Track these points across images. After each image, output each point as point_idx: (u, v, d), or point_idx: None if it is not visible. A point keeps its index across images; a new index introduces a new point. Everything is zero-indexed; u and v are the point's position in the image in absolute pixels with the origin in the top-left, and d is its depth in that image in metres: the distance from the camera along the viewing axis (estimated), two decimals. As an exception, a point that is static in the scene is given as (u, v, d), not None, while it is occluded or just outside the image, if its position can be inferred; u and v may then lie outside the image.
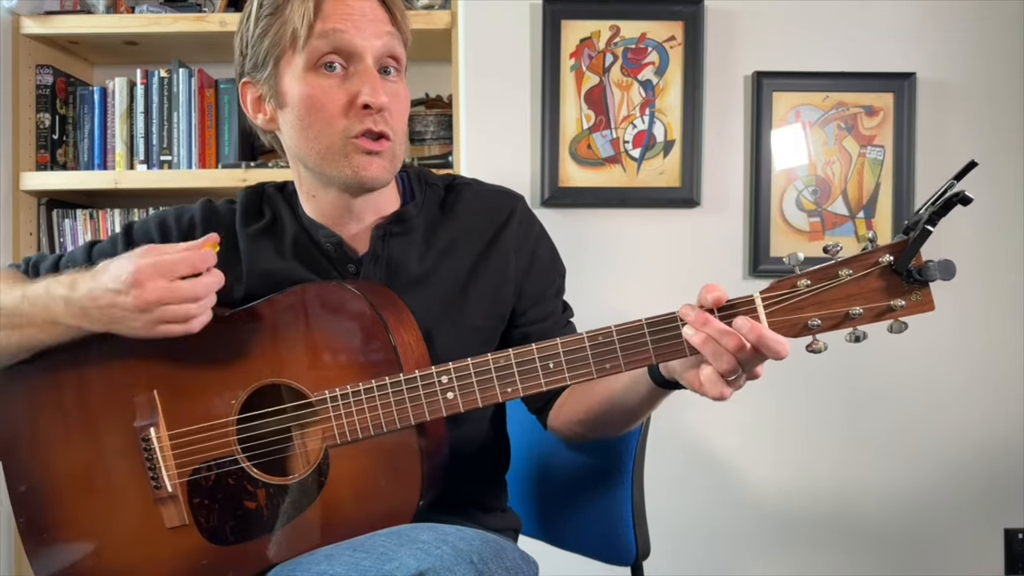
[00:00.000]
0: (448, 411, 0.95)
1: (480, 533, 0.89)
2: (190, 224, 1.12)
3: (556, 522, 1.31)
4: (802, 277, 0.84)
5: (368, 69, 0.99)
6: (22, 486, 1.07)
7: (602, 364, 0.89)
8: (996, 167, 1.95)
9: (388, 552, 0.84)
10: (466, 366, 0.94)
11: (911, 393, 1.95)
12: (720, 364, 0.83)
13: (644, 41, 1.93)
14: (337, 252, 1.08)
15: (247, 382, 1.01)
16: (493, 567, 0.85)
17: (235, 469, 1.01)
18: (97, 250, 1.12)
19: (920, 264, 0.83)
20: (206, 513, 1.02)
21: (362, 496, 0.98)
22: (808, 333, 0.85)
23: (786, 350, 0.82)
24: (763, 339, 0.82)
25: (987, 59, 1.95)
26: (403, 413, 0.95)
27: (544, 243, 1.16)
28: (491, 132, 1.94)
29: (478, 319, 1.10)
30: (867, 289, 0.84)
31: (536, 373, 0.91)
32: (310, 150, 1.02)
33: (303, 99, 1.00)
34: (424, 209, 1.11)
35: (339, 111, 0.99)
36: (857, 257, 0.84)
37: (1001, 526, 1.97)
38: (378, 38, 1.00)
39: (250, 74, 1.04)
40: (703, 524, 1.97)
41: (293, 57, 1.00)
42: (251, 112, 1.07)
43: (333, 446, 0.97)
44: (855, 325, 0.84)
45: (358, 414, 0.96)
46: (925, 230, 0.81)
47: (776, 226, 1.93)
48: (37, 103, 2.04)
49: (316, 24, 0.97)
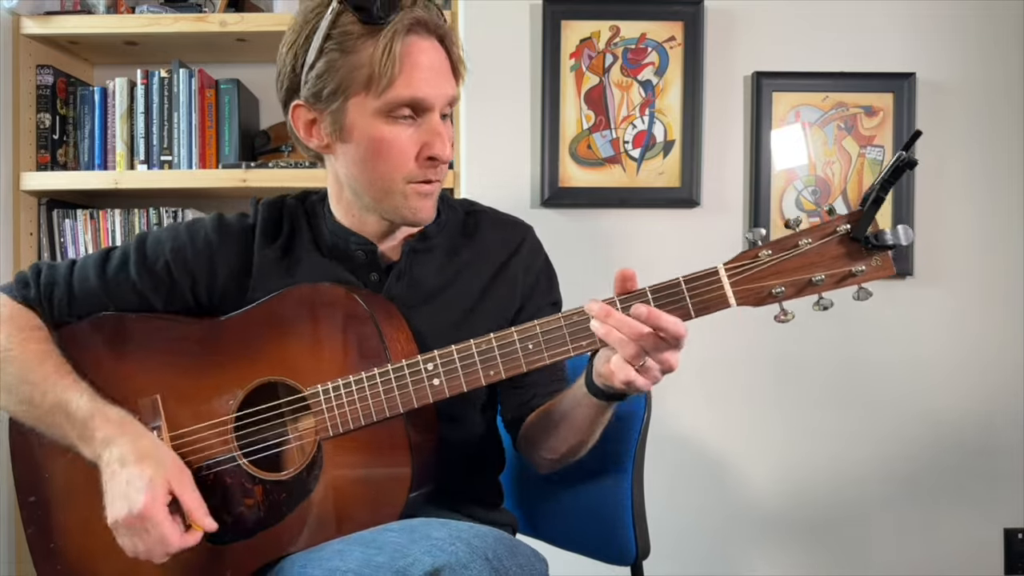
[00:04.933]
0: (435, 397, 0.98)
1: (493, 530, 0.90)
2: (206, 245, 1.13)
3: (556, 522, 1.31)
4: (763, 248, 0.91)
5: (436, 122, 1.04)
6: (31, 497, 1.10)
7: (578, 342, 0.95)
8: (996, 167, 1.95)
9: (401, 549, 0.85)
10: (450, 352, 0.98)
11: (909, 391, 1.95)
12: (625, 351, 0.89)
13: (644, 41, 1.94)
14: (369, 259, 1.12)
15: (244, 382, 1.04)
16: (508, 564, 0.85)
17: (233, 467, 1.04)
18: (112, 279, 1.12)
19: (877, 230, 0.88)
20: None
21: (354, 488, 1.00)
22: (773, 300, 0.90)
23: (682, 330, 0.88)
24: (658, 320, 0.87)
25: (987, 59, 1.95)
26: (392, 402, 0.98)
27: (547, 271, 1.22)
28: (491, 132, 1.94)
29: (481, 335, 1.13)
30: (826, 256, 0.89)
31: (516, 354, 0.96)
32: (370, 186, 1.07)
33: (373, 140, 1.03)
34: (446, 229, 1.17)
35: (407, 160, 1.04)
36: (815, 227, 0.90)
37: (1001, 526, 1.97)
38: (445, 89, 1.04)
39: (307, 100, 1.05)
40: (703, 524, 1.97)
41: (366, 99, 1.02)
42: (302, 133, 1.08)
43: (326, 438, 1.00)
44: (818, 291, 0.90)
45: (349, 406, 0.99)
46: (879, 198, 0.86)
47: (776, 226, 1.93)
48: (37, 103, 2.04)
49: (397, 76, 1.00)
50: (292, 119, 1.08)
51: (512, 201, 1.91)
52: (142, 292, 1.11)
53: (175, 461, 1.01)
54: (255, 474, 1.03)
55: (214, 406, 1.05)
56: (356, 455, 1.01)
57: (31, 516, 1.10)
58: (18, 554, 2.00)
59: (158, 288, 1.11)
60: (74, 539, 1.08)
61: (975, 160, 1.95)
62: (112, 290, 1.12)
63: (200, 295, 1.12)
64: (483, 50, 1.93)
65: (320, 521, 1.00)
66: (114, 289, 1.12)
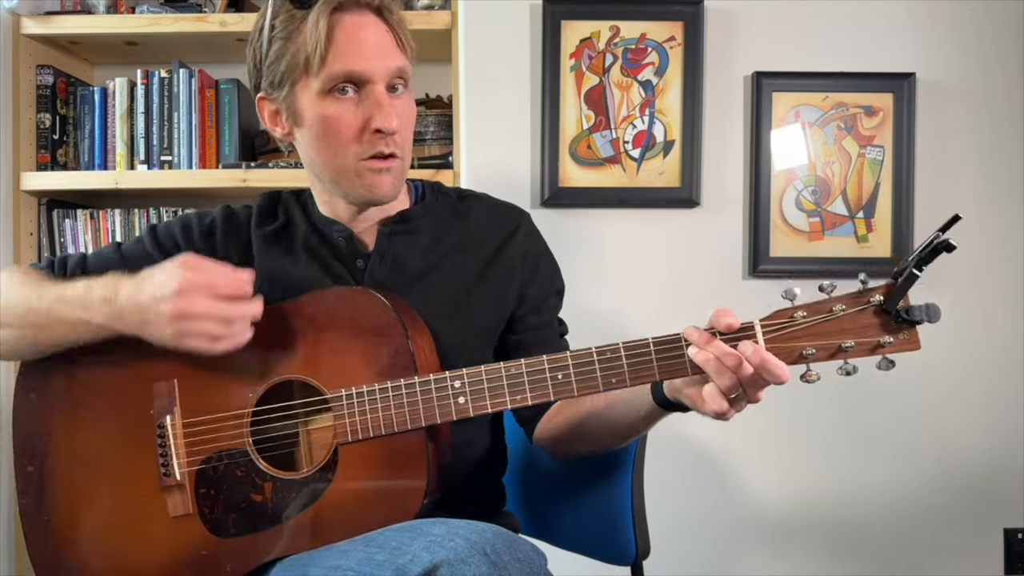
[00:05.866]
0: (458, 415, 0.98)
1: (492, 526, 0.90)
2: (211, 226, 1.17)
3: (556, 521, 1.31)
4: (799, 309, 0.92)
5: (379, 93, 1.05)
6: (30, 467, 1.08)
7: (608, 379, 0.95)
8: (996, 167, 1.95)
9: (401, 546, 0.85)
10: (478, 372, 0.97)
11: (909, 392, 1.95)
12: (722, 381, 0.90)
13: (644, 41, 1.94)
14: (348, 246, 1.13)
15: (266, 377, 1.04)
16: (506, 558, 0.85)
17: (244, 461, 1.03)
18: (126, 250, 1.17)
19: (907, 305, 0.90)
20: (211, 504, 1.03)
21: (367, 495, 0.99)
22: (803, 361, 0.92)
23: (787, 374, 0.90)
24: (765, 362, 0.89)
25: (987, 59, 1.95)
26: (415, 415, 0.98)
27: (547, 257, 1.23)
28: (491, 132, 1.94)
29: (482, 319, 1.15)
30: (859, 325, 0.91)
31: (546, 383, 0.96)
32: (325, 167, 1.09)
33: (318, 121, 1.06)
34: (433, 212, 1.17)
35: (353, 135, 1.05)
36: (850, 295, 0.92)
37: (1001, 526, 1.97)
38: (386, 61, 1.05)
39: (266, 91, 1.10)
40: (703, 524, 1.97)
41: (308, 81, 1.05)
42: (268, 124, 1.13)
43: (343, 443, 0.99)
44: (847, 357, 0.92)
45: (371, 413, 0.99)
46: (912, 275, 0.88)
47: (776, 226, 1.94)
48: (37, 103, 2.04)
49: (328, 52, 1.02)
50: (259, 112, 1.12)
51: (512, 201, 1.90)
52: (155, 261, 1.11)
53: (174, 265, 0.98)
54: (266, 470, 1.02)
55: (232, 397, 1.04)
56: (372, 462, 1.00)
57: (26, 487, 1.08)
58: (18, 554, 2.00)
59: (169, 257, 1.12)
60: (69, 513, 1.07)
61: (975, 160, 1.95)
62: (127, 258, 1.14)
63: None
64: (483, 50, 1.94)
65: (328, 525, 0.99)
66: (129, 257, 1.14)
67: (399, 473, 0.99)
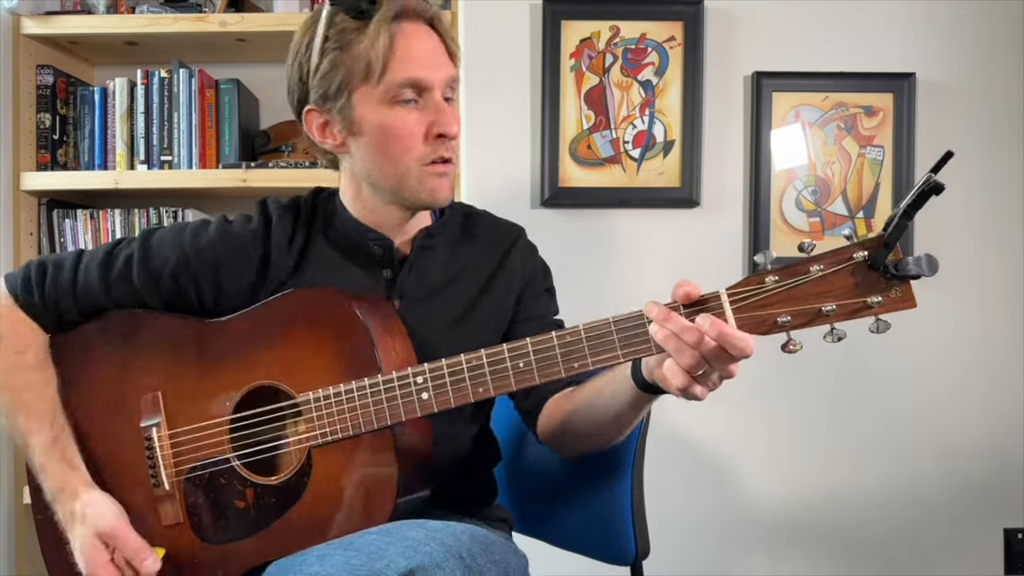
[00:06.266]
0: (423, 411, 0.97)
1: (469, 528, 0.91)
2: (213, 256, 1.12)
3: (556, 521, 1.31)
4: (770, 273, 0.84)
5: (439, 101, 1.08)
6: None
7: (570, 363, 0.92)
8: (996, 167, 1.95)
9: (378, 551, 0.85)
10: (440, 367, 0.97)
11: (909, 392, 1.95)
12: (683, 359, 0.85)
13: (644, 41, 1.94)
14: (386, 254, 1.14)
15: (241, 384, 1.05)
16: (482, 562, 0.87)
17: (227, 468, 1.05)
18: (115, 277, 1.12)
19: (898, 259, 0.81)
20: (199, 512, 1.06)
21: (342, 496, 1.00)
22: (779, 330, 0.84)
23: (751, 348, 0.84)
24: (725, 336, 0.83)
25: (987, 59, 1.95)
26: (380, 414, 0.98)
27: (543, 264, 1.27)
28: (491, 132, 1.95)
29: (487, 330, 1.18)
30: (839, 286, 0.82)
31: (507, 373, 0.94)
32: (385, 173, 1.09)
33: (381, 128, 1.07)
34: (448, 228, 1.20)
35: (418, 140, 1.07)
36: (829, 253, 0.83)
37: (1001, 526, 1.96)
38: (442, 70, 1.08)
39: (317, 103, 1.09)
40: (703, 524, 1.97)
41: (367, 89, 1.06)
42: (317, 136, 1.12)
43: (315, 446, 1.01)
44: (829, 322, 0.83)
45: (339, 415, 0.99)
46: (901, 223, 0.79)
47: (776, 226, 1.94)
48: (37, 103, 2.04)
49: (391, 61, 1.04)
50: (306, 125, 1.11)
51: (512, 201, 1.91)
52: (144, 298, 1.12)
53: (103, 514, 1.04)
54: (247, 477, 1.04)
55: (212, 407, 1.06)
56: (344, 461, 1.01)
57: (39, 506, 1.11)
58: (18, 554, 2.00)
59: (160, 294, 1.11)
60: None
61: (975, 160, 1.95)
62: (115, 296, 1.12)
63: (205, 300, 1.12)
64: (483, 50, 1.94)
65: (309, 527, 1.00)
66: (116, 295, 1.12)
67: (370, 464, 1.00)
